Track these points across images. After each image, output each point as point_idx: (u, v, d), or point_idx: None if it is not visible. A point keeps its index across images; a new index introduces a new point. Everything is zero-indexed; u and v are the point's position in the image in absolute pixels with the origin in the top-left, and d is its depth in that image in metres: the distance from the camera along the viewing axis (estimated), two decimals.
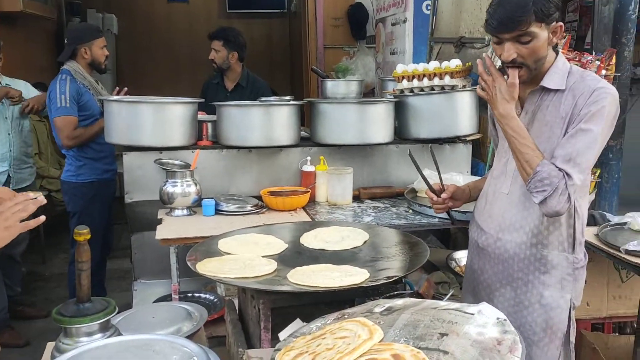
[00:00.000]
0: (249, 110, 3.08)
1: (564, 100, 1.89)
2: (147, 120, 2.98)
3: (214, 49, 4.36)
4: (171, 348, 1.61)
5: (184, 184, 2.87)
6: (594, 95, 1.83)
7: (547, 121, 1.92)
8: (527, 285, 1.99)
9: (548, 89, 1.92)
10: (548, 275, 1.97)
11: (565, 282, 1.97)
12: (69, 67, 3.75)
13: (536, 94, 1.95)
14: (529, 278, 1.99)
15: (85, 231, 1.71)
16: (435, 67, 3.22)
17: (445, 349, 1.18)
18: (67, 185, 3.84)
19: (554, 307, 1.96)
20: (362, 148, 3.30)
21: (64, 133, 3.63)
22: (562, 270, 1.97)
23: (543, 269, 1.97)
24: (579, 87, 1.87)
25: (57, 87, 3.63)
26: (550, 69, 1.92)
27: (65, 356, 1.55)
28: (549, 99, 1.93)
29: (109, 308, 1.71)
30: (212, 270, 1.83)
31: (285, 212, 2.94)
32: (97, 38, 3.86)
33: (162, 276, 3.15)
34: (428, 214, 2.83)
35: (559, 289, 1.97)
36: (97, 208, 3.82)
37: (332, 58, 6.17)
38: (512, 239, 2.01)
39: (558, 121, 1.89)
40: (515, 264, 2.01)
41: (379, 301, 1.49)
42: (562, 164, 1.83)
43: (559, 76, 1.91)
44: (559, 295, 1.97)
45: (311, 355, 1.23)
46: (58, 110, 3.60)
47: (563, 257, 1.96)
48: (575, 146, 1.82)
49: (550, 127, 1.91)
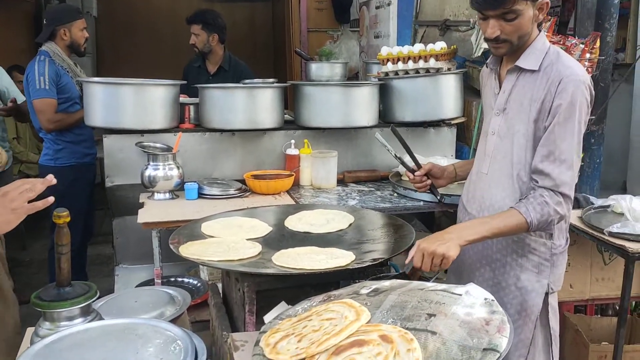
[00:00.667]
0: (232, 92, 3.03)
1: (538, 83, 1.87)
2: (128, 103, 2.91)
3: (194, 33, 4.28)
4: (154, 332, 1.58)
5: (166, 167, 2.82)
6: (562, 85, 1.81)
7: (521, 102, 1.90)
8: (505, 267, 1.99)
9: (524, 69, 1.90)
10: (525, 258, 1.96)
11: (542, 267, 1.96)
12: (47, 49, 3.66)
13: (514, 73, 1.94)
14: (506, 260, 1.99)
15: (65, 214, 1.67)
16: (420, 50, 3.20)
17: (434, 330, 1.16)
18: (45, 169, 3.76)
19: (529, 291, 1.96)
20: (347, 131, 3.27)
21: (44, 116, 3.55)
22: (540, 255, 1.96)
23: (520, 252, 1.96)
24: (551, 72, 1.85)
25: (35, 68, 3.54)
26: (528, 48, 1.90)
27: (45, 341, 1.52)
28: (524, 78, 1.91)
29: (90, 292, 1.68)
30: (195, 254, 1.80)
31: (269, 196, 2.91)
32: (77, 19, 3.77)
33: (145, 261, 3.11)
34: (413, 197, 2.82)
35: (535, 273, 1.96)
36: (77, 192, 3.74)
37: (316, 42, 6.12)
38: None
39: (531, 103, 1.88)
40: (494, 245, 2.00)
41: (365, 283, 1.47)
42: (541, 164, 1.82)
43: (535, 57, 1.88)
44: (535, 279, 1.96)
45: (297, 337, 1.21)
46: (37, 92, 3.51)
47: (541, 243, 1.95)
48: (556, 143, 1.81)
49: (524, 108, 1.90)
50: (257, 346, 1.24)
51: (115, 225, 3.19)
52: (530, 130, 1.89)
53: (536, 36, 1.91)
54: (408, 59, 3.22)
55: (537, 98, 1.86)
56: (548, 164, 1.82)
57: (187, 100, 3.27)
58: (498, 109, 1.98)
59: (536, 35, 1.91)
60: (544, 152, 1.83)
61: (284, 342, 1.22)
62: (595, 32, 3.30)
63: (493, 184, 1.99)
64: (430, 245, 1.72)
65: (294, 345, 1.18)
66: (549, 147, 1.82)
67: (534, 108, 1.87)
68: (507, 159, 1.95)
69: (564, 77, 1.81)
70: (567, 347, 2.77)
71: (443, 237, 1.76)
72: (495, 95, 1.99)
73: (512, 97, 1.93)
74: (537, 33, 1.92)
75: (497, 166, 1.98)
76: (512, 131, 1.93)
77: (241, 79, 3.47)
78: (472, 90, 3.66)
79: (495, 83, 2.01)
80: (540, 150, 1.84)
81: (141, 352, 1.46)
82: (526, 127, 1.89)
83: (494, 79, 2.02)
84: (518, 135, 1.91)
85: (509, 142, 1.94)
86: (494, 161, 1.99)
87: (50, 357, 1.44)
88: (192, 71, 4.45)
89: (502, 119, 1.96)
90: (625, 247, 2.33)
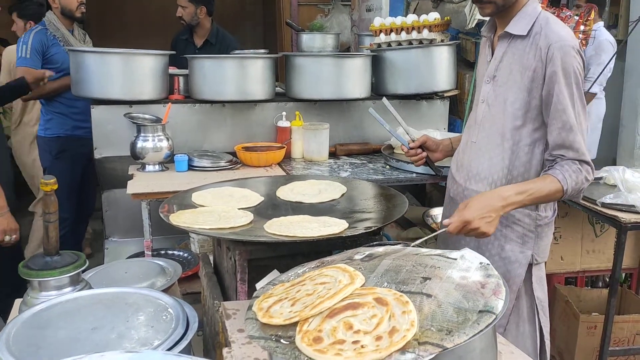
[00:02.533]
0: (223, 63, 2.98)
1: (527, 50, 1.82)
2: (117, 73, 2.87)
3: (181, 6, 4.22)
4: (145, 301, 1.56)
5: (155, 138, 2.78)
6: (551, 52, 1.76)
7: (511, 69, 1.86)
8: (489, 237, 1.93)
9: (514, 35, 1.86)
10: (509, 229, 1.94)
11: (526, 238, 1.94)
12: (45, 18, 3.62)
13: (505, 39, 1.89)
14: None
15: (52, 181, 1.64)
16: (414, 21, 3.16)
17: (429, 292, 1.15)
18: (39, 139, 3.76)
19: (512, 261, 1.94)
20: (339, 103, 3.24)
21: None
22: (524, 227, 1.94)
23: (505, 222, 1.93)
24: (539, 39, 1.81)
25: (22, 37, 3.52)
26: (518, 14, 1.85)
27: (33, 309, 1.49)
28: (515, 45, 1.86)
29: (79, 261, 1.66)
30: (186, 222, 1.76)
31: (260, 168, 2.88)
32: None
33: (134, 234, 3.08)
34: (405, 170, 2.81)
35: (519, 244, 1.94)
36: (67, 165, 3.68)
37: (307, 15, 6.04)
38: (477, 189, 1.96)
39: (521, 70, 1.83)
40: None
41: (359, 249, 1.45)
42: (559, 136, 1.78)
43: (524, 22, 1.84)
44: (519, 250, 1.94)
45: (291, 301, 1.19)
46: (19, 60, 3.48)
47: (525, 214, 1.92)
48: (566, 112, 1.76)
49: (514, 76, 1.86)
50: (250, 310, 1.22)
51: (104, 198, 3.15)
52: (521, 98, 1.84)
53: (527, 1, 1.86)
54: (401, 30, 3.19)
55: (528, 66, 1.82)
56: (566, 134, 1.77)
57: (176, 71, 3.22)
58: (488, 77, 1.93)
59: (526, 1, 1.86)
60: (559, 125, 1.78)
61: (277, 307, 1.19)
62: (589, 4, 3.28)
63: (481, 153, 1.96)
64: (474, 219, 1.68)
65: (287, 309, 1.16)
66: (561, 118, 1.77)
67: (525, 76, 1.82)
68: (495, 127, 1.91)
69: (552, 43, 1.77)
70: (557, 318, 2.78)
71: (489, 212, 1.70)
72: (487, 62, 1.95)
73: (503, 65, 1.89)
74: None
75: (484, 134, 1.94)
76: (501, 99, 1.89)
77: (226, 52, 3.40)
78: (465, 63, 3.64)
79: (488, 50, 1.97)
80: (554, 123, 1.79)
81: (132, 320, 1.44)
82: (516, 95, 1.85)
83: (488, 47, 1.98)
84: (508, 103, 1.87)
85: (498, 111, 1.90)
86: (482, 129, 1.95)
87: (39, 325, 1.42)
88: (179, 43, 4.38)
89: (492, 87, 1.92)
90: (617, 218, 2.33)
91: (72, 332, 1.38)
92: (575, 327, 2.63)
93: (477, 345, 1.10)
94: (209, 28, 4.33)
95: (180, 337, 1.37)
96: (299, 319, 1.12)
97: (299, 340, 1.06)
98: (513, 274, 1.95)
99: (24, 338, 1.36)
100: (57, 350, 1.30)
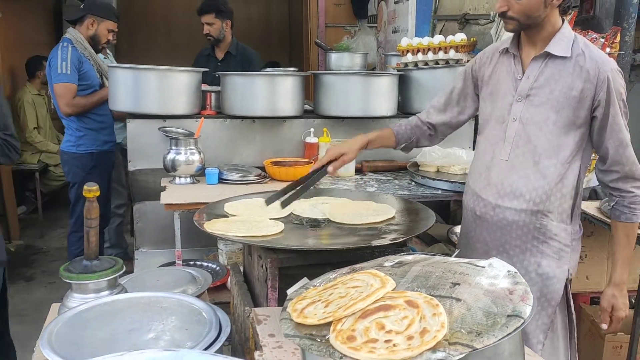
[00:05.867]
0: (254, 80, 3.07)
1: (571, 71, 1.87)
2: (152, 88, 2.97)
3: (207, 23, 4.28)
4: (179, 305, 1.62)
5: (187, 152, 2.86)
6: (602, 75, 1.83)
7: (551, 89, 1.89)
8: (525, 254, 1.98)
9: (553, 55, 1.89)
10: (546, 245, 1.96)
11: (563, 253, 1.96)
12: (70, 36, 3.69)
13: (539, 60, 1.92)
14: (526, 246, 1.98)
15: (95, 188, 1.73)
16: (440, 41, 3.22)
17: (458, 297, 1.19)
18: (67, 155, 3.80)
19: (550, 277, 1.96)
20: (366, 121, 3.30)
21: (63, 100, 3.57)
22: (561, 241, 1.96)
23: (542, 238, 1.95)
24: (584, 62, 1.86)
25: (58, 53, 3.58)
26: (557, 35, 1.89)
27: (74, 310, 1.55)
28: (554, 65, 1.90)
29: (117, 266, 1.72)
30: (220, 230, 1.83)
31: (288, 182, 2.93)
32: (110, 19, 3.80)
33: (164, 246, 3.15)
34: (431, 186, 2.84)
35: (556, 259, 1.96)
36: (96, 179, 3.74)
37: (333, 37, 6.14)
38: (511, 206, 1.98)
39: (565, 91, 1.87)
40: (513, 232, 1.99)
41: (388, 257, 1.49)
42: (617, 154, 1.91)
43: (564, 43, 1.88)
44: (556, 265, 1.96)
45: (324, 303, 1.24)
46: (58, 76, 3.55)
47: (562, 228, 1.95)
48: (622, 132, 1.89)
49: (556, 96, 1.88)
50: (285, 311, 1.27)
51: (136, 210, 3.23)
52: (564, 117, 1.88)
53: (561, 24, 1.90)
54: (428, 50, 3.25)
55: (574, 87, 1.86)
56: (622, 151, 1.90)
57: (208, 87, 3.31)
58: (520, 95, 1.94)
59: (560, 23, 1.90)
60: (616, 143, 1.88)
61: (310, 308, 1.24)
62: (615, 27, 3.30)
63: (514, 171, 1.97)
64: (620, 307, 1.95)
65: (321, 310, 1.21)
66: (617, 136, 1.88)
67: (570, 97, 1.86)
68: (531, 146, 1.93)
69: (601, 67, 1.84)
70: (582, 338, 2.77)
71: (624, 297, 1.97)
72: (517, 80, 1.96)
73: (539, 84, 1.91)
74: (562, 21, 1.91)
75: (518, 152, 1.96)
76: (538, 118, 1.91)
77: (249, 64, 3.48)
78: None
79: (515, 68, 1.98)
80: (611, 142, 1.89)
81: (167, 323, 1.49)
82: (558, 114, 1.88)
83: (514, 64, 1.98)
84: (549, 122, 1.89)
85: (536, 129, 1.92)
86: (515, 147, 1.96)
87: (79, 326, 1.48)
88: (201, 60, 4.45)
89: (524, 106, 1.93)
90: None
91: (110, 332, 1.43)
92: (601, 347, 2.62)
93: (506, 348, 1.13)
94: (230, 41, 4.41)
95: (214, 339, 1.42)
96: (332, 319, 1.16)
97: (333, 338, 1.11)
98: (551, 289, 1.96)
99: (66, 337, 1.42)
100: (97, 349, 1.35)
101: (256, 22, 8.34)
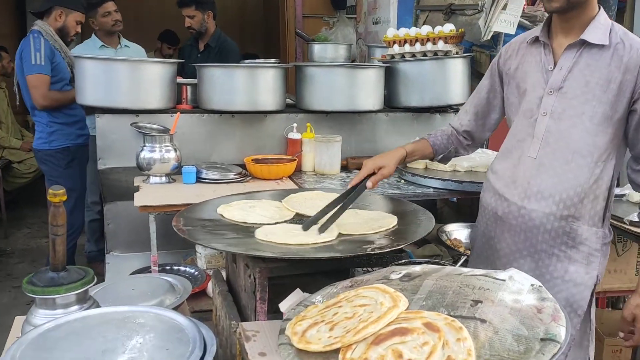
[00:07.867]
0: (233, 72, 2.89)
1: (609, 61, 1.72)
2: (123, 80, 2.77)
3: (188, 16, 4.20)
4: (158, 321, 1.46)
5: (162, 149, 2.67)
6: None
7: (586, 81, 1.74)
8: (551, 259, 1.83)
9: (589, 43, 1.74)
10: (575, 250, 1.81)
11: (592, 258, 1.82)
12: (39, 28, 3.56)
13: (574, 49, 1.77)
14: (553, 251, 1.83)
15: (61, 192, 1.53)
16: (428, 32, 3.08)
17: (483, 317, 1.05)
18: (40, 153, 3.69)
19: (578, 284, 1.82)
20: (351, 116, 3.15)
21: (38, 91, 3.45)
22: (591, 246, 1.82)
23: (571, 242, 1.81)
24: (624, 50, 1.72)
25: (30, 44, 3.44)
26: (592, 22, 1.74)
27: (39, 329, 1.39)
28: (589, 55, 1.75)
29: (87, 277, 1.54)
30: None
31: (270, 181, 2.77)
32: (78, 10, 3.72)
33: (137, 249, 2.97)
34: (421, 184, 2.71)
35: (585, 265, 1.82)
36: (77, 172, 3.72)
37: (311, 28, 5.99)
38: (538, 207, 1.82)
39: (602, 83, 1.73)
40: (539, 235, 1.83)
41: (394, 268, 1.35)
42: None
43: (601, 31, 1.73)
44: (585, 271, 1.82)
45: (328, 325, 1.09)
46: (32, 67, 3.41)
47: (593, 232, 1.81)
48: None
49: (592, 89, 1.74)
50: (283, 335, 1.11)
51: (107, 210, 3.02)
52: (601, 112, 1.74)
53: (596, 11, 1.76)
54: (415, 41, 3.11)
55: (612, 79, 1.71)
56: None
57: (184, 80, 3.14)
58: (552, 88, 1.79)
59: (596, 10, 1.76)
60: None
61: (313, 331, 1.09)
62: None
63: (544, 169, 1.81)
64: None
65: (326, 334, 1.06)
66: None
67: (609, 90, 1.72)
68: (564, 142, 1.78)
69: None
70: None
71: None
72: (548, 71, 1.81)
73: (573, 75, 1.76)
74: (598, 8, 1.77)
75: (549, 149, 1.80)
76: (572, 113, 1.77)
77: (225, 57, 3.36)
78: (478, 76, 3.56)
79: (546, 58, 1.82)
80: None
81: (145, 342, 1.34)
82: (596, 109, 1.74)
83: (545, 54, 1.83)
84: (585, 117, 1.75)
85: (570, 125, 1.77)
86: (546, 144, 1.81)
87: (46, 346, 1.32)
88: (186, 50, 4.41)
89: (557, 99, 1.79)
90: None
91: (81, 354, 1.27)
92: (600, 350, 2.52)
93: None
94: (212, 32, 4.32)
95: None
96: (340, 345, 1.01)
97: None
98: (578, 297, 1.82)
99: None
100: None
101: (230, 12, 8.12)
